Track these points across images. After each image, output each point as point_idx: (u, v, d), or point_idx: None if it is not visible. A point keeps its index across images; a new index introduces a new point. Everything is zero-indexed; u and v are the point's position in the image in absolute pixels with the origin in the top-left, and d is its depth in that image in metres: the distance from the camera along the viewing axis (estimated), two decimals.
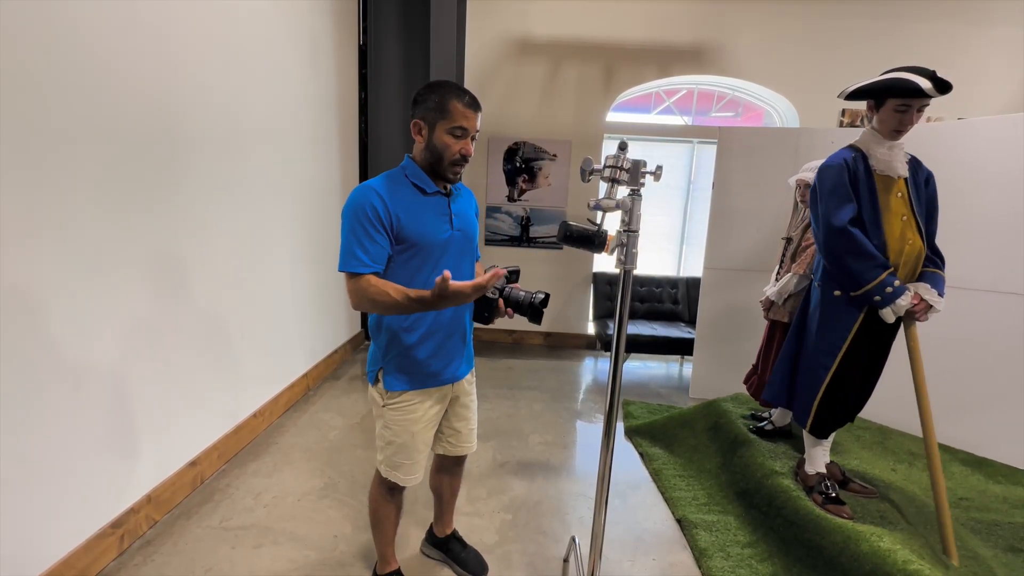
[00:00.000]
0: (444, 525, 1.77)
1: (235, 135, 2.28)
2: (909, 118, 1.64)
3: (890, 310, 1.68)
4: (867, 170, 1.73)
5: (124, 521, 1.72)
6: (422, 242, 1.28)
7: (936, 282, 1.72)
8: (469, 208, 1.44)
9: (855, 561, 1.59)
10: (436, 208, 1.32)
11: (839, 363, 1.81)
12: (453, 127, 1.25)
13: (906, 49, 3.97)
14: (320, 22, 3.12)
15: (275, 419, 2.78)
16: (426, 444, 1.44)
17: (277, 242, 2.73)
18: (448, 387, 1.44)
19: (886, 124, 1.68)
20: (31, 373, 1.38)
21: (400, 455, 1.41)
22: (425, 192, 1.31)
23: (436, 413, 1.44)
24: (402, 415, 1.38)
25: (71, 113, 1.45)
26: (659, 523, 2.08)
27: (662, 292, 4.36)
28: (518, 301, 1.28)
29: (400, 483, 1.44)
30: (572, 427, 2.97)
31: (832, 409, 1.87)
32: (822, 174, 1.78)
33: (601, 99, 4.20)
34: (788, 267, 2.42)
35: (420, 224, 1.28)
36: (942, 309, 1.69)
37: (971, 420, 2.59)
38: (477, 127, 1.29)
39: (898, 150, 1.72)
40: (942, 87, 1.54)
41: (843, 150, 1.80)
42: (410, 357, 1.35)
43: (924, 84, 1.55)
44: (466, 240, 1.39)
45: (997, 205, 2.50)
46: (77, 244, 1.50)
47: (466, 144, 1.28)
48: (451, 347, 1.40)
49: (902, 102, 1.63)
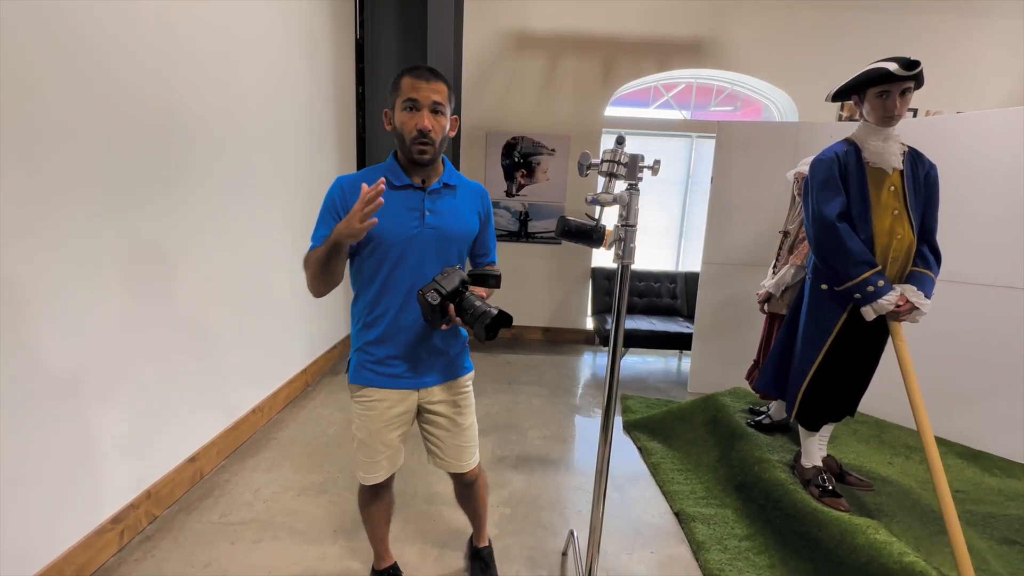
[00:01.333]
0: (474, 538, 1.73)
1: (232, 131, 2.27)
2: (892, 102, 1.66)
3: (870, 308, 1.68)
4: (859, 163, 1.74)
5: (124, 517, 1.73)
6: (378, 237, 1.22)
7: (923, 283, 1.70)
8: (464, 206, 1.32)
9: (851, 553, 1.60)
10: (404, 202, 1.24)
11: (824, 356, 1.84)
12: (404, 102, 1.18)
13: (905, 42, 3.96)
14: (317, 17, 3.10)
15: (274, 415, 2.79)
16: (386, 445, 1.36)
17: (275, 238, 2.73)
18: (412, 392, 1.35)
19: (874, 113, 1.71)
20: (31, 371, 1.38)
21: (360, 451, 1.38)
22: (393, 185, 1.23)
23: (398, 415, 1.35)
24: (363, 410, 1.35)
25: (68, 110, 1.44)
26: (657, 516, 2.09)
27: (661, 287, 4.36)
28: (467, 310, 1.15)
29: (360, 480, 1.41)
30: (571, 421, 2.97)
31: (818, 401, 1.89)
32: (814, 167, 1.80)
33: (599, 93, 4.19)
34: (785, 260, 2.42)
35: (379, 216, 1.11)
36: (928, 312, 1.67)
37: (968, 413, 2.60)
38: (435, 99, 1.17)
39: (893, 142, 1.72)
40: (909, 67, 1.59)
41: (837, 143, 1.81)
42: (370, 353, 1.32)
43: (891, 66, 1.61)
44: (442, 239, 1.27)
45: (996, 199, 2.50)
46: (75, 242, 1.49)
47: (420, 117, 1.17)
48: (419, 353, 1.32)
49: (880, 88, 1.67)
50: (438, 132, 1.20)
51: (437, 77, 1.19)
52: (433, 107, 1.18)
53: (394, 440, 1.38)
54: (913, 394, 1.64)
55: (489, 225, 1.42)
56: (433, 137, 1.19)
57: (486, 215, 1.39)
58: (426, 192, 1.26)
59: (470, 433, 1.45)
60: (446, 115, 1.23)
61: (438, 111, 1.20)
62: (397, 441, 1.39)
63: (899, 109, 1.67)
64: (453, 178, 1.32)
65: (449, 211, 1.29)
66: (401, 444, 1.42)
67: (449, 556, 1.79)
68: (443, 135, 1.23)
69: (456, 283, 1.17)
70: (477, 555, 1.70)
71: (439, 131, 1.20)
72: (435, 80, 1.18)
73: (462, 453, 1.44)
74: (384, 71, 3.81)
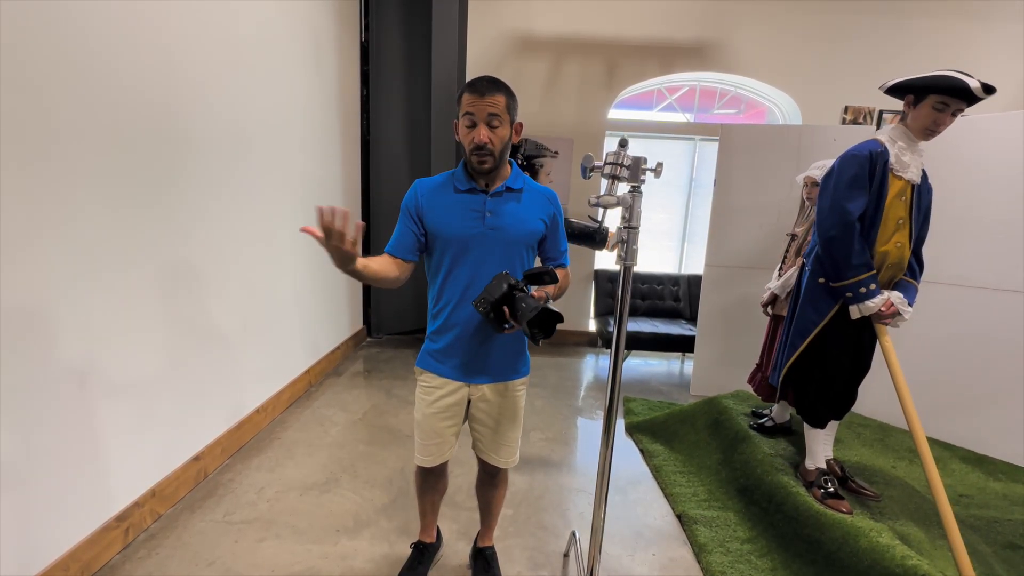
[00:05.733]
0: (480, 536, 1.74)
1: (237, 133, 2.29)
2: (944, 118, 1.64)
3: (857, 308, 1.76)
4: (884, 167, 1.73)
5: (129, 515, 1.74)
6: (441, 235, 1.32)
7: (910, 292, 1.81)
8: (527, 210, 1.35)
9: (854, 557, 1.60)
10: (467, 204, 1.31)
11: (810, 346, 1.92)
12: (464, 116, 1.24)
13: (909, 45, 3.96)
14: (322, 19, 3.12)
15: (277, 415, 2.80)
16: (436, 432, 1.44)
17: (279, 239, 2.74)
18: (463, 386, 1.42)
19: (920, 121, 1.68)
20: (37, 370, 1.40)
21: (416, 432, 1.48)
22: (457, 189, 1.32)
23: (450, 406, 1.42)
24: (421, 393, 1.46)
25: (73, 112, 1.46)
26: (659, 519, 2.09)
27: (663, 289, 4.36)
28: (517, 311, 1.14)
29: (415, 461, 1.50)
30: (573, 423, 2.98)
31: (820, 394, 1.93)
32: (846, 161, 1.77)
33: (603, 96, 4.20)
34: (792, 262, 2.42)
35: (441, 218, 1.31)
36: (909, 319, 1.79)
37: (971, 417, 2.59)
38: (491, 111, 1.22)
39: (919, 156, 1.74)
40: (988, 89, 1.55)
41: (871, 141, 1.77)
42: (434, 341, 1.42)
43: (973, 84, 1.54)
44: (503, 240, 1.32)
45: (999, 202, 2.50)
46: (81, 243, 1.51)
47: (477, 132, 1.23)
48: (472, 349, 1.37)
49: (942, 99, 1.61)
50: (496, 143, 1.25)
51: (494, 90, 1.22)
52: (489, 120, 1.23)
53: (444, 430, 1.45)
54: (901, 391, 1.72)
55: (557, 229, 1.42)
56: (491, 148, 1.24)
57: (552, 219, 1.40)
58: (488, 195, 1.31)
59: (512, 435, 1.50)
60: (505, 124, 1.26)
61: (495, 124, 1.24)
62: (448, 432, 1.46)
63: (945, 127, 1.66)
64: (518, 182, 1.36)
65: (510, 214, 1.33)
66: (452, 437, 1.48)
67: (450, 555, 1.80)
68: (503, 144, 1.27)
69: (504, 289, 1.17)
70: (480, 554, 1.70)
71: (497, 142, 1.25)
72: (491, 94, 1.22)
73: (500, 449, 1.50)
74: (388, 73, 3.83)
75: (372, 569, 1.71)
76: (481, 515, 1.71)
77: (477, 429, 1.49)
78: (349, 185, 3.78)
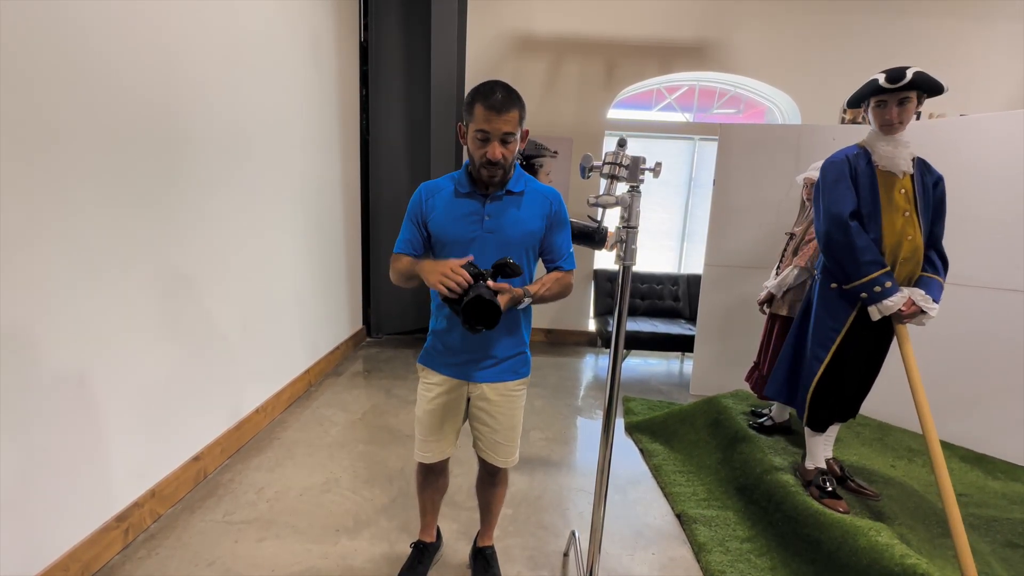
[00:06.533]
0: (480, 535, 1.74)
1: (236, 132, 2.29)
2: (889, 112, 1.70)
3: (876, 308, 1.72)
4: (869, 166, 1.77)
5: (128, 515, 1.74)
6: (441, 237, 1.35)
7: (932, 288, 1.73)
8: (527, 211, 1.34)
9: (853, 555, 1.60)
10: (467, 208, 1.33)
11: (832, 356, 1.84)
12: (476, 131, 1.22)
13: (908, 45, 3.96)
14: (321, 19, 3.12)
15: (277, 415, 2.80)
16: (433, 429, 1.46)
17: (278, 239, 2.74)
18: (462, 384, 1.44)
19: (876, 121, 1.76)
20: (37, 370, 1.40)
21: (416, 428, 1.51)
22: (459, 192, 1.34)
23: (448, 403, 1.44)
24: (421, 388, 1.50)
25: (73, 112, 1.46)
26: (659, 518, 2.09)
27: (663, 289, 4.36)
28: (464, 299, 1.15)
29: (415, 458, 1.53)
30: (572, 423, 2.98)
31: (825, 401, 1.90)
32: (825, 169, 1.83)
33: (602, 96, 4.20)
34: (789, 261, 2.43)
35: (442, 220, 1.34)
36: (935, 316, 1.71)
37: (971, 416, 2.60)
38: (505, 129, 1.20)
39: (902, 147, 1.74)
40: (894, 79, 1.64)
41: (848, 147, 1.84)
42: (435, 338, 1.45)
43: (880, 78, 1.67)
44: (501, 242, 1.32)
45: (998, 202, 2.50)
46: (81, 243, 1.51)
47: (490, 148, 1.21)
48: (471, 348, 1.39)
49: (875, 99, 1.73)
50: (507, 158, 1.26)
51: (510, 106, 1.20)
52: (504, 138, 1.22)
53: (443, 427, 1.47)
54: (919, 397, 1.66)
55: (557, 229, 1.39)
56: (502, 164, 1.25)
57: (554, 219, 1.37)
58: (487, 198, 1.33)
59: (511, 434, 1.50)
60: (516, 139, 1.26)
61: (508, 141, 1.23)
62: (447, 430, 1.48)
63: (898, 117, 1.69)
64: (519, 184, 1.35)
65: (509, 216, 1.33)
66: (452, 434, 1.50)
67: (449, 555, 1.80)
68: (512, 157, 1.28)
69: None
70: (480, 554, 1.71)
71: (508, 156, 1.26)
72: (507, 111, 1.19)
73: (499, 449, 1.50)
74: (388, 73, 3.83)
75: (372, 569, 1.71)
76: (481, 514, 1.71)
77: (477, 428, 1.50)
78: (348, 185, 3.78)
